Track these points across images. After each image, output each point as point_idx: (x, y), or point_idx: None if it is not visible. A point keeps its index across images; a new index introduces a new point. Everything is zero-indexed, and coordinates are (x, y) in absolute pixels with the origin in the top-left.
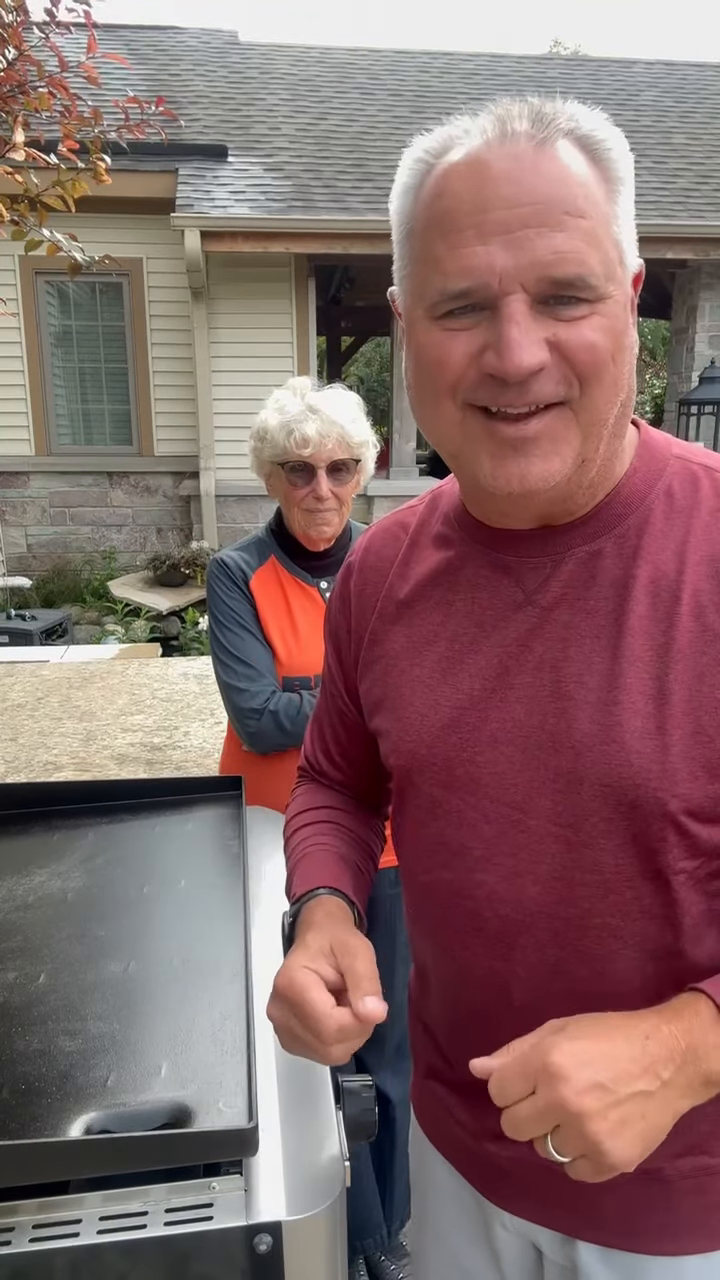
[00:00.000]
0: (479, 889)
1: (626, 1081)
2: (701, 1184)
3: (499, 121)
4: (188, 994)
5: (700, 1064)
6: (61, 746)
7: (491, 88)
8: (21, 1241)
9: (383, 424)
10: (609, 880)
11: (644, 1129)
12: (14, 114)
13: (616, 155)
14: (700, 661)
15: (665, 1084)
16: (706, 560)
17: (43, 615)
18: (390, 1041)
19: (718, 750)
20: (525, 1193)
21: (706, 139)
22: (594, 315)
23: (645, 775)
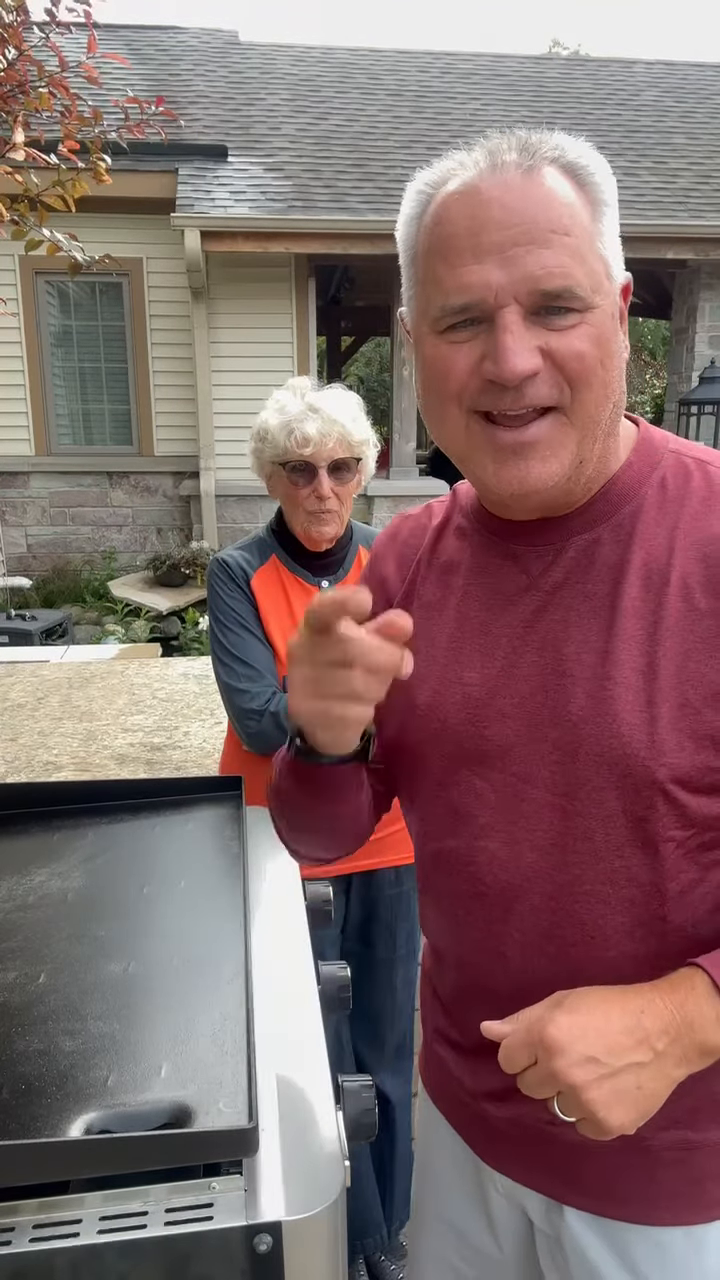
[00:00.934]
0: (481, 854)
1: (620, 1054)
2: (684, 1158)
3: (490, 154)
4: (188, 994)
5: (695, 1035)
6: (61, 746)
7: (491, 87)
8: (22, 1241)
9: (383, 424)
10: (599, 848)
11: (638, 1097)
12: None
13: (600, 179)
14: (687, 639)
15: (659, 1055)
16: (694, 545)
17: (43, 615)
18: (390, 1042)
19: (703, 722)
20: (516, 1154)
21: (706, 139)
22: (582, 325)
23: (634, 745)
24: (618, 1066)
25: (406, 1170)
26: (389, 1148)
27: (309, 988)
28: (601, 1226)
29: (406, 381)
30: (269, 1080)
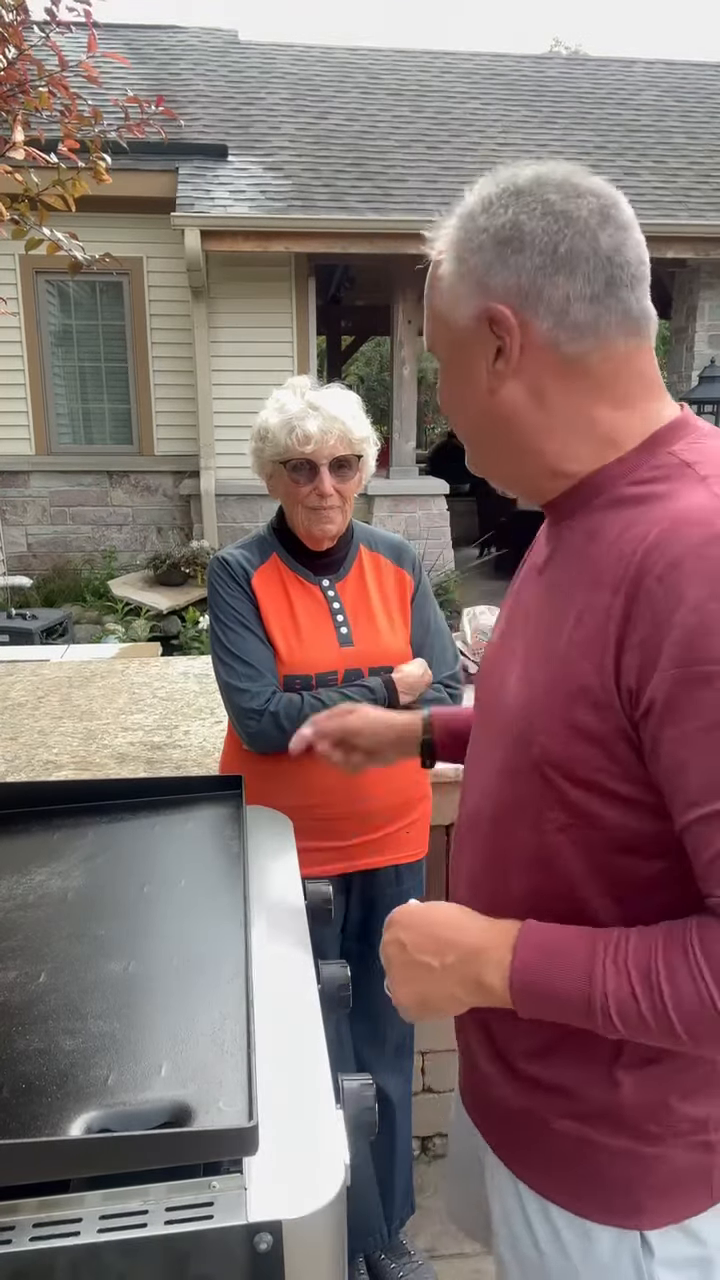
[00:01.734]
0: (470, 787)
1: (418, 950)
2: (579, 1150)
3: None
4: (188, 994)
5: (476, 967)
6: (61, 746)
7: (491, 87)
8: (22, 1240)
9: (382, 424)
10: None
11: (420, 992)
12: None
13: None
14: (581, 633)
15: (446, 968)
16: (620, 545)
17: (43, 614)
18: (390, 1041)
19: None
20: (464, 1085)
21: (706, 139)
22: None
23: (521, 725)
24: (413, 960)
25: (406, 1169)
26: (389, 1147)
27: (309, 987)
28: (516, 1184)
29: (406, 381)
30: (269, 1080)
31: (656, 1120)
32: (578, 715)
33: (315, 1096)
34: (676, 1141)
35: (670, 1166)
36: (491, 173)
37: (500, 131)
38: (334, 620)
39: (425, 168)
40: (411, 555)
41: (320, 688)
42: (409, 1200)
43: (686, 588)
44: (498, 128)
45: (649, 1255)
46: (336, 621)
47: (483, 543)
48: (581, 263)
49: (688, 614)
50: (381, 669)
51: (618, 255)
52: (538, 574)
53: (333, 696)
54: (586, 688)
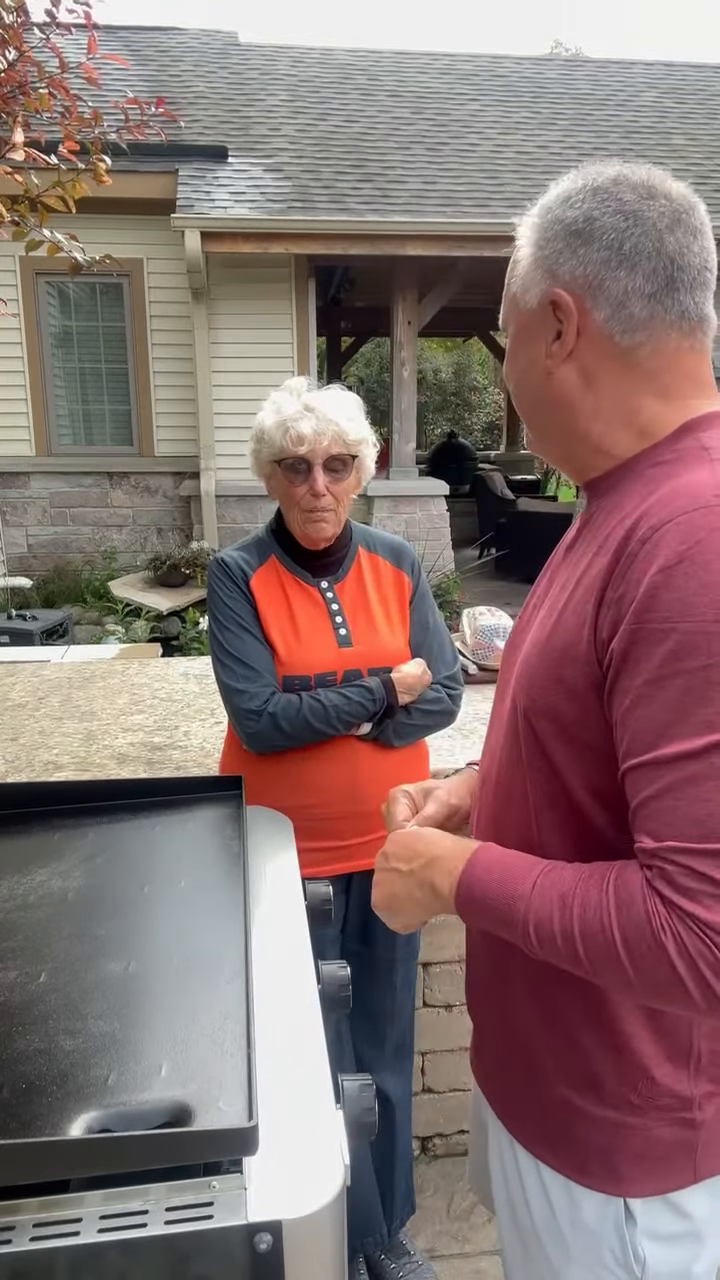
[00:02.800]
0: (483, 754)
1: (395, 858)
2: (567, 1118)
3: None
4: (188, 994)
5: (432, 872)
6: (62, 746)
7: (491, 89)
8: (22, 1240)
9: (383, 424)
10: (505, 762)
11: (387, 893)
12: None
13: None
14: (583, 593)
15: (410, 872)
16: (632, 513)
17: (43, 615)
18: (390, 1041)
19: (560, 669)
20: (473, 1045)
21: (706, 140)
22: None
23: (523, 677)
24: (387, 866)
25: (406, 1169)
26: (389, 1147)
27: (309, 987)
28: (513, 1142)
29: (406, 381)
30: (269, 1080)
31: (638, 1092)
32: (565, 670)
33: (315, 1096)
34: (659, 1115)
35: (651, 1138)
36: (579, 169)
37: (500, 133)
38: (332, 621)
39: (425, 169)
40: (410, 556)
41: (319, 688)
42: (409, 1200)
43: (661, 549)
44: (497, 129)
45: (632, 1224)
46: (335, 623)
47: (483, 543)
48: (644, 261)
49: (656, 573)
50: (380, 669)
51: (681, 258)
52: (566, 551)
53: (331, 697)
54: (572, 643)
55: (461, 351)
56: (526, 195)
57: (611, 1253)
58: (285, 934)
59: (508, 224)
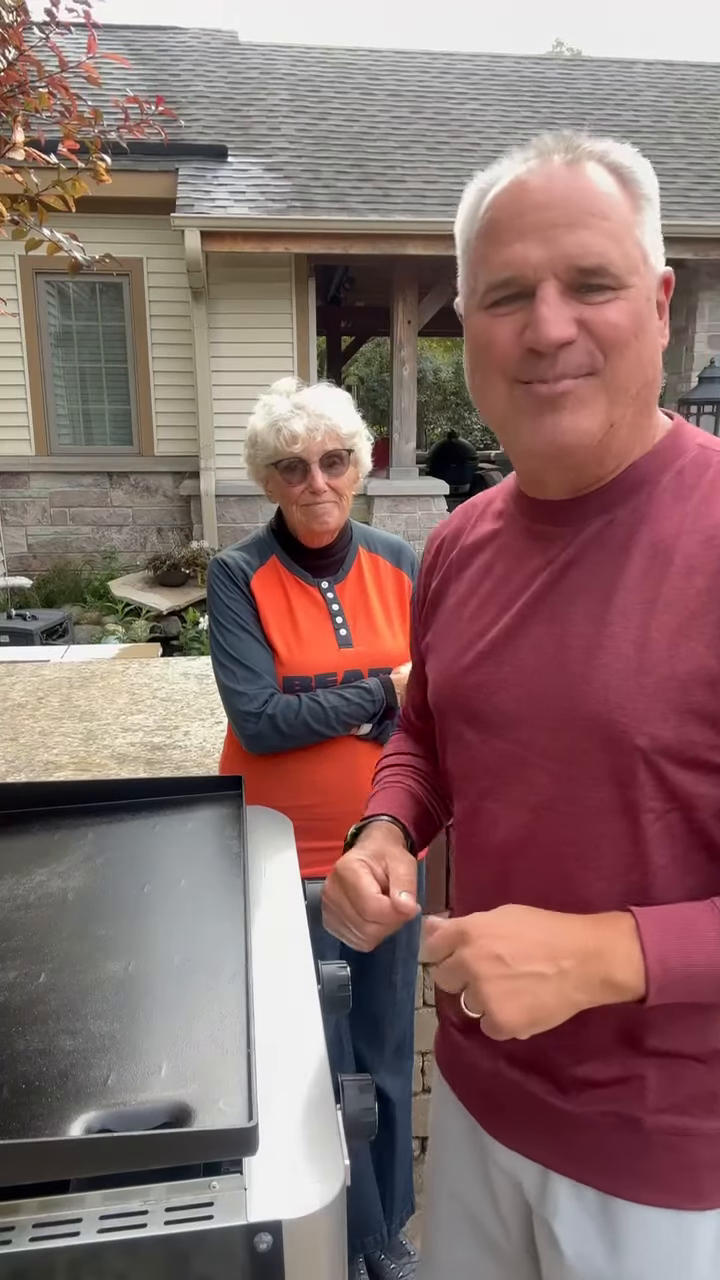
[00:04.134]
0: (485, 816)
1: (524, 960)
2: (678, 1143)
3: (539, 150)
4: (188, 994)
5: (602, 965)
6: (62, 746)
7: (491, 88)
8: (22, 1240)
9: (383, 424)
10: (585, 811)
11: (532, 1005)
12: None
13: (641, 178)
14: (682, 615)
15: (563, 973)
16: (702, 529)
17: (43, 615)
18: (390, 1041)
19: (690, 696)
20: (514, 1122)
21: (706, 139)
22: (617, 300)
23: (620, 713)
24: (520, 971)
25: (406, 1169)
26: (389, 1146)
27: (309, 987)
28: (589, 1197)
29: (406, 381)
30: (269, 1080)
31: None
32: (694, 698)
33: (315, 1096)
34: None
35: None
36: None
37: (500, 132)
38: (333, 622)
39: (425, 168)
40: (410, 556)
41: (319, 689)
42: (409, 1200)
43: None
44: (497, 128)
45: None
46: (335, 623)
47: None
48: None
49: None
50: (380, 670)
51: None
52: (556, 574)
53: (330, 699)
54: (701, 669)
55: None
56: None
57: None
58: (285, 934)
59: None
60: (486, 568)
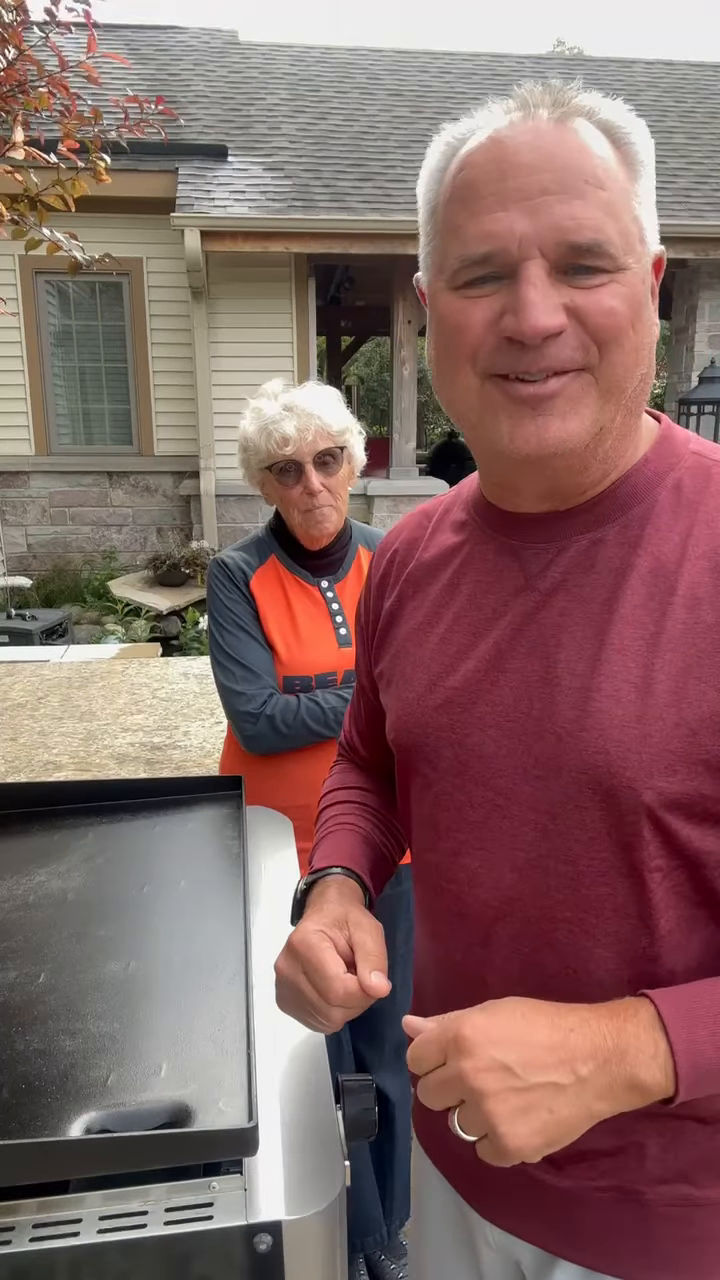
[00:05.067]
0: (461, 872)
1: (537, 1070)
2: (684, 1214)
3: (521, 102)
4: (188, 994)
5: (626, 1066)
6: (61, 746)
7: (491, 87)
8: (22, 1241)
9: (382, 424)
10: (581, 872)
11: (548, 1122)
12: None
13: (636, 140)
14: (689, 654)
15: (581, 1080)
16: (707, 554)
17: (43, 615)
18: (390, 1041)
19: (699, 745)
20: (507, 1203)
21: (706, 139)
22: (613, 283)
23: (622, 764)
24: (532, 1082)
25: (406, 1169)
26: (388, 1147)
27: None
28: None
29: (406, 381)
30: (269, 1080)
31: None
32: (705, 746)
33: (315, 1096)
34: None
35: None
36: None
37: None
38: (333, 621)
39: None
40: None
41: (319, 689)
42: (408, 1200)
43: None
44: None
45: None
46: (335, 623)
47: None
48: None
49: None
50: None
51: None
52: (540, 600)
53: (330, 699)
54: (713, 715)
55: None
56: None
57: None
58: (285, 934)
59: None
60: (451, 586)
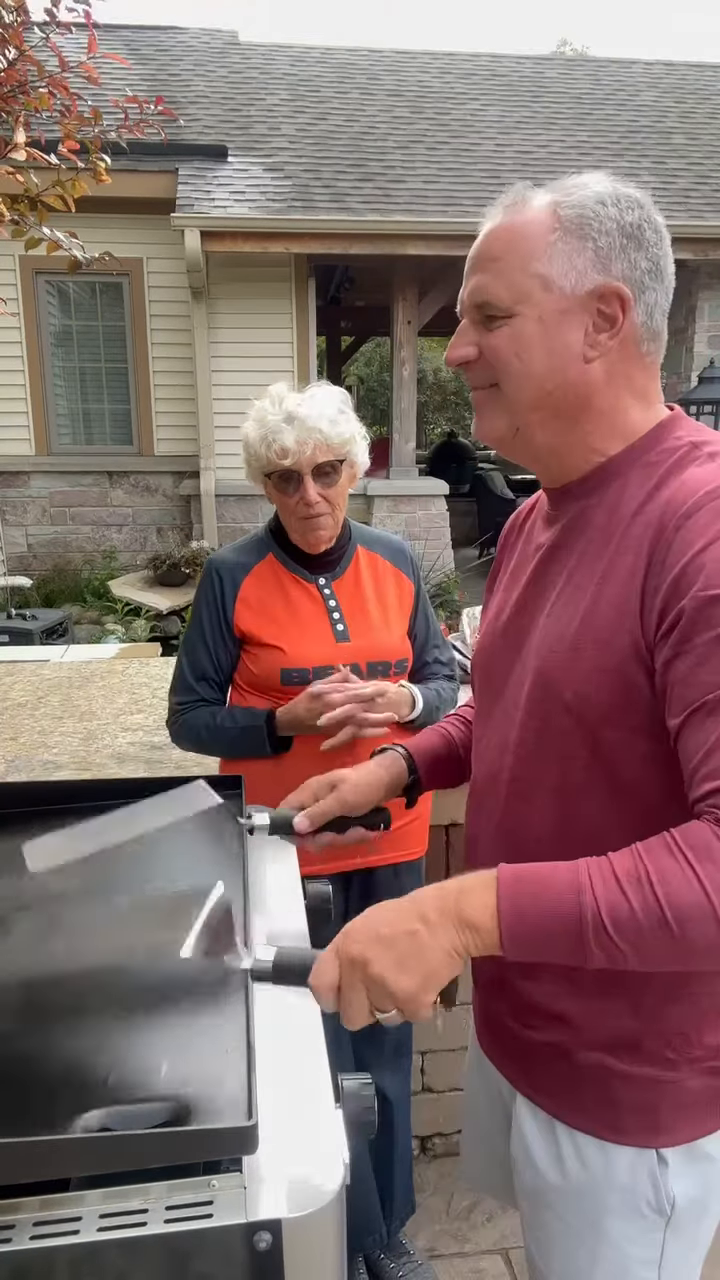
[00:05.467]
0: (479, 761)
1: (396, 926)
2: (602, 1078)
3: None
4: (188, 993)
5: (461, 909)
6: (61, 746)
7: (491, 88)
8: (22, 1239)
9: (382, 424)
10: (533, 752)
11: (420, 962)
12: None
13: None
14: (617, 588)
15: (431, 925)
16: (644, 511)
17: (43, 615)
18: (389, 1040)
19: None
20: (499, 1048)
21: (706, 139)
22: (504, 328)
23: (556, 671)
24: (397, 935)
25: (405, 1168)
26: (388, 1146)
27: None
28: (538, 1114)
29: (406, 381)
30: (269, 1079)
31: (674, 1048)
32: (608, 659)
33: (315, 1096)
34: (691, 1068)
35: (684, 1090)
36: (596, 171)
37: (500, 132)
38: (330, 617)
39: (425, 168)
40: (409, 555)
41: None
42: (409, 1200)
43: (698, 532)
44: (497, 129)
45: (665, 1170)
46: (332, 619)
47: (482, 543)
48: (667, 280)
49: (699, 552)
50: (378, 663)
51: (671, 281)
52: (546, 554)
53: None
54: (614, 634)
55: None
56: None
57: (646, 1200)
58: (285, 934)
59: None
60: (513, 546)
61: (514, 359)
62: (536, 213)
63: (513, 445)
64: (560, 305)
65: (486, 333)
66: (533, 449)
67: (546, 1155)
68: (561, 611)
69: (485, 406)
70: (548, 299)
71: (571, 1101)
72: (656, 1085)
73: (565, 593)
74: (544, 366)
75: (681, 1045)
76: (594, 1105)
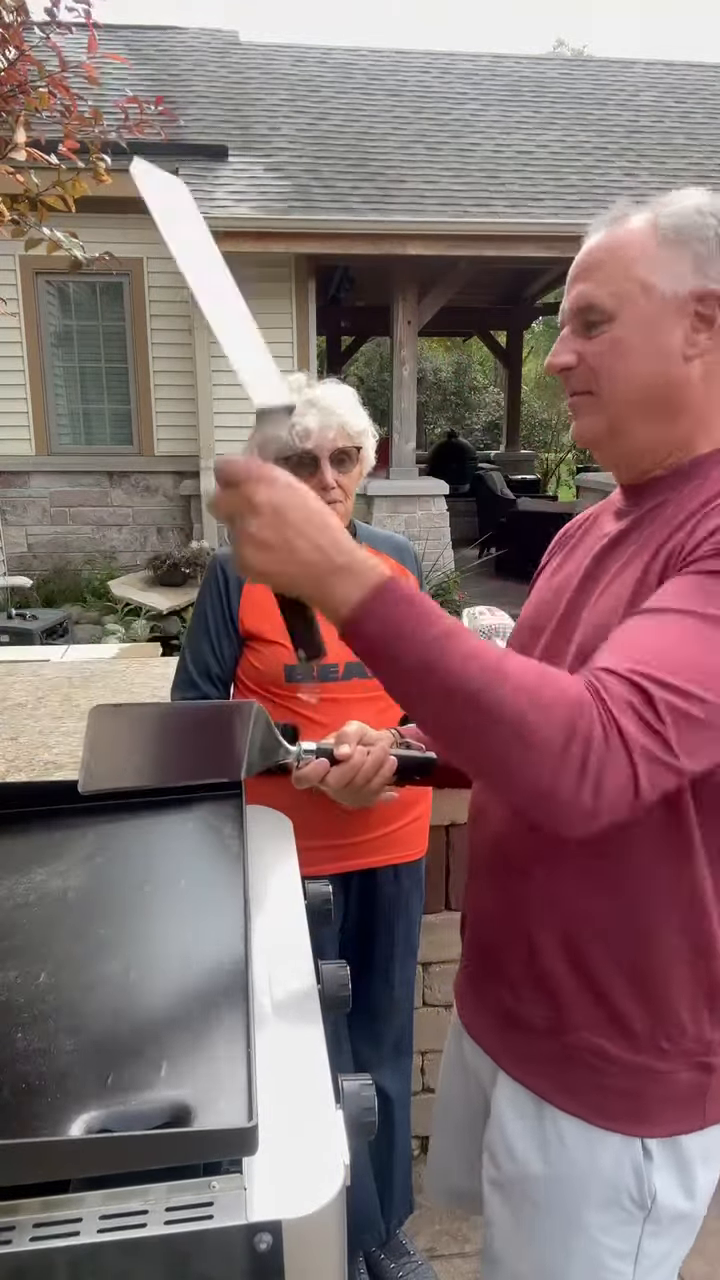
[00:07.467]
0: None
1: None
2: (594, 1064)
3: None
4: (188, 994)
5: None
6: (62, 746)
7: (491, 88)
8: (22, 1240)
9: (383, 424)
10: None
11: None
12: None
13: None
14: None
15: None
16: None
17: (43, 615)
18: (389, 1040)
19: None
20: (479, 1013)
21: (706, 139)
22: (605, 333)
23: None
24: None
25: (405, 1168)
26: (388, 1146)
27: (309, 987)
28: (521, 1094)
29: (406, 381)
30: (269, 1080)
31: (669, 1038)
32: None
33: (315, 1096)
34: (683, 1060)
35: (675, 1082)
36: (692, 187)
37: (500, 132)
38: None
39: (425, 168)
40: (411, 553)
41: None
42: (408, 1200)
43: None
44: (498, 129)
45: (649, 1162)
46: None
47: (482, 543)
48: None
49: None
50: None
51: None
52: (609, 543)
53: None
54: None
55: (461, 351)
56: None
57: (628, 1192)
58: (285, 934)
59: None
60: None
61: (615, 361)
62: (637, 223)
63: (609, 446)
64: (660, 308)
65: (586, 340)
66: (626, 449)
67: (528, 1141)
68: (604, 605)
69: (583, 410)
70: (648, 302)
71: (559, 1081)
72: (646, 1073)
73: (612, 587)
74: (644, 367)
75: (677, 1035)
76: (582, 1087)
